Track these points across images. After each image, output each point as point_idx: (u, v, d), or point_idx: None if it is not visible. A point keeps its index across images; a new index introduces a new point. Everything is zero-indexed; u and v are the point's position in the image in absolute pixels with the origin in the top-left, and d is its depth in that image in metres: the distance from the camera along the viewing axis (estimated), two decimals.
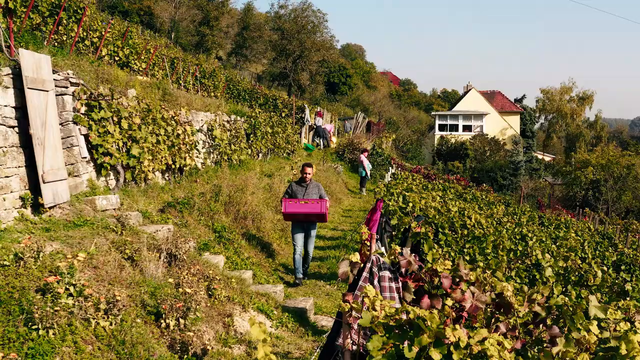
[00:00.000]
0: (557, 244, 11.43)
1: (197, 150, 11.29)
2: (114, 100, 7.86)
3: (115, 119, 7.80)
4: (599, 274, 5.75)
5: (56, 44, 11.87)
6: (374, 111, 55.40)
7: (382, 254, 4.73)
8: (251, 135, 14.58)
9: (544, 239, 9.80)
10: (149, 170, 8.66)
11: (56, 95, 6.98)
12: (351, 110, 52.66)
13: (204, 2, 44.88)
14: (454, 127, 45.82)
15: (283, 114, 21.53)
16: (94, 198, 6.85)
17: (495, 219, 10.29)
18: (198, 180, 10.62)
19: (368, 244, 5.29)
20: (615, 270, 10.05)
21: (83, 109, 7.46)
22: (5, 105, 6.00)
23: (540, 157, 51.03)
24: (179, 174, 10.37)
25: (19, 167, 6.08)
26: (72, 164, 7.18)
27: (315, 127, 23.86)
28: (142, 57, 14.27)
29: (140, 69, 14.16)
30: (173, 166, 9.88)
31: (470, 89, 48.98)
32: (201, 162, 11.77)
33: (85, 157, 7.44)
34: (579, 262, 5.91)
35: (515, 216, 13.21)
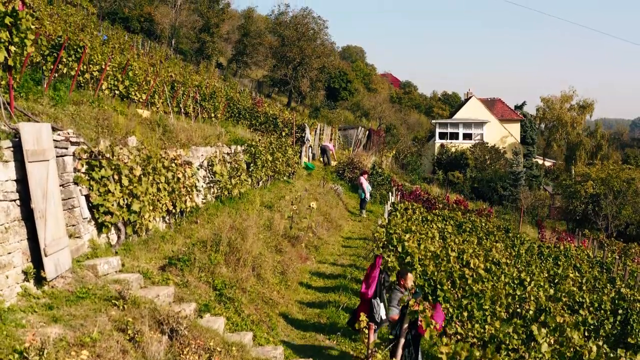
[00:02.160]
0: (556, 282, 11.52)
1: (197, 189, 11.34)
2: (114, 156, 7.92)
3: (116, 176, 7.85)
4: (594, 349, 5.82)
5: (56, 75, 11.93)
6: (374, 116, 55.48)
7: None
8: (251, 165, 14.64)
9: (542, 284, 9.87)
10: (149, 221, 8.72)
11: (57, 156, 7.03)
12: (352, 115, 52.70)
13: (204, 9, 44.89)
14: (454, 135, 45.89)
15: (283, 134, 21.60)
16: (95, 263, 6.91)
17: (494, 261, 10.37)
18: (198, 221, 10.68)
19: (366, 331, 5.37)
20: (613, 313, 10.13)
21: (84, 169, 7.52)
22: (7, 180, 6.03)
23: (540, 162, 51.18)
24: (180, 216, 10.43)
25: (21, 240, 6.12)
26: (73, 225, 7.24)
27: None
28: (143, 88, 14.33)
29: (140, 99, 14.22)
30: (174, 210, 9.94)
31: (470, 97, 49.02)
32: (202, 199, 11.82)
33: (86, 218, 7.50)
34: (576, 339, 5.98)
35: (514, 248, 13.29)
